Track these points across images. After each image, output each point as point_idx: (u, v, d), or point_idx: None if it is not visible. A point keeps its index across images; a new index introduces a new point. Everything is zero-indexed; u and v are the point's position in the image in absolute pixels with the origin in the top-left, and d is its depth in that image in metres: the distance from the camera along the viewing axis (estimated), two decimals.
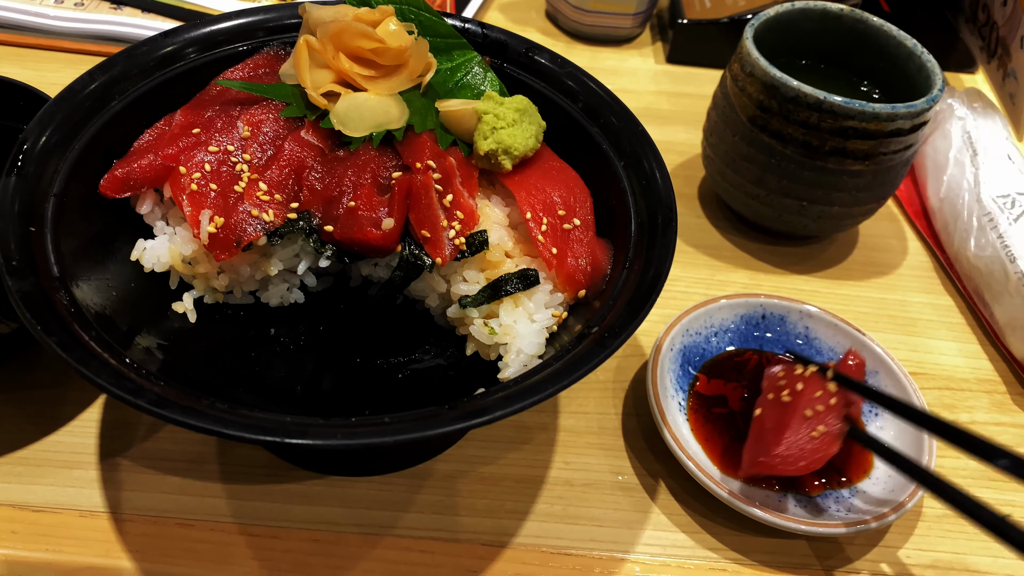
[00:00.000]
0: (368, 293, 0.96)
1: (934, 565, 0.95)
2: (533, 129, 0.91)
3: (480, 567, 0.90)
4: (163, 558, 0.87)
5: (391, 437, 0.65)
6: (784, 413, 0.92)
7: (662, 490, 0.98)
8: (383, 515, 0.93)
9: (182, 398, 0.66)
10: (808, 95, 1.10)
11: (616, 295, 0.81)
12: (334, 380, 0.90)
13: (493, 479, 0.97)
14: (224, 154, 0.89)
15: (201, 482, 0.93)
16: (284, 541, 0.90)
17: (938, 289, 1.29)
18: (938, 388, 1.14)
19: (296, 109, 0.92)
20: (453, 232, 0.86)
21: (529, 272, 0.86)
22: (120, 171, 0.87)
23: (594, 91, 0.98)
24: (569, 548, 0.92)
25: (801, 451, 0.90)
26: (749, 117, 1.18)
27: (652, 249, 0.83)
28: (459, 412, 0.68)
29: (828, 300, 1.24)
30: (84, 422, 0.97)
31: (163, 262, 0.88)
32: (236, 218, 0.85)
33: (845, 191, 1.17)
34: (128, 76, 0.92)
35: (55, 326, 0.69)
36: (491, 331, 0.86)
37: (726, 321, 1.10)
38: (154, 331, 0.85)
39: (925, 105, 1.10)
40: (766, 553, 0.94)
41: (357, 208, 0.85)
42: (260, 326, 0.93)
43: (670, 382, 1.03)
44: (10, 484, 0.91)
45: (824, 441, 0.90)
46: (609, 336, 0.74)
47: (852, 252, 1.34)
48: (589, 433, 1.03)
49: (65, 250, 0.79)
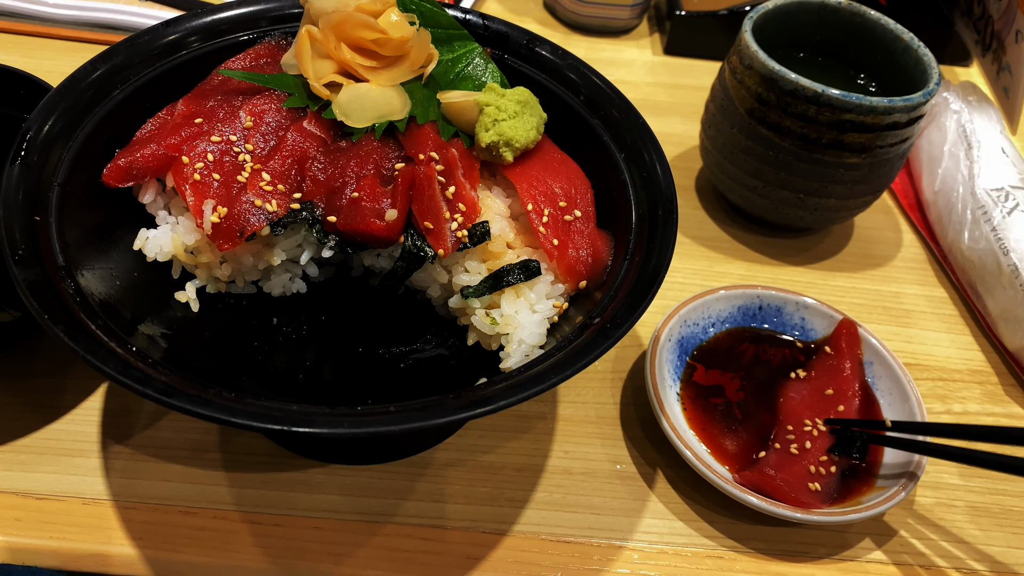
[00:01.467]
0: (370, 283, 0.96)
1: (926, 553, 0.96)
2: (534, 121, 0.92)
3: (480, 554, 0.91)
4: (166, 545, 0.88)
5: (397, 426, 0.65)
6: (791, 465, 0.96)
7: (659, 479, 1.00)
8: (384, 503, 0.94)
9: (189, 387, 0.67)
10: (806, 88, 1.11)
11: (617, 286, 0.81)
12: (336, 369, 0.90)
13: (492, 467, 0.98)
14: (227, 144, 0.89)
15: (203, 470, 0.94)
16: (286, 528, 0.91)
17: (932, 281, 1.30)
18: (931, 379, 1.15)
19: (298, 99, 0.92)
20: (455, 224, 0.87)
21: (531, 263, 0.87)
22: (123, 160, 0.87)
23: (595, 83, 0.99)
24: (568, 536, 0.93)
25: (799, 493, 0.94)
26: (747, 109, 1.18)
27: (653, 241, 0.84)
28: (463, 401, 0.69)
29: (824, 291, 1.25)
30: (86, 410, 0.98)
31: (166, 251, 0.88)
32: (239, 208, 0.85)
33: (841, 184, 1.18)
34: (130, 65, 0.92)
35: (62, 315, 0.70)
36: (493, 321, 0.87)
37: (723, 312, 1.11)
38: (157, 320, 0.86)
39: (922, 99, 1.11)
40: (762, 541, 0.95)
41: (360, 199, 0.85)
42: (262, 315, 0.93)
43: (668, 372, 1.04)
44: (13, 472, 0.92)
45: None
46: (611, 327, 0.75)
47: (848, 244, 1.35)
48: (588, 422, 1.04)
49: (70, 239, 0.79)
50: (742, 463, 0.99)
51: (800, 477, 0.96)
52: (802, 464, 0.97)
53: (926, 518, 1.00)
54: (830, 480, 0.96)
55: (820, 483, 0.95)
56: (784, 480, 0.94)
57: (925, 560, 0.96)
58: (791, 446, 0.98)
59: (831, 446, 0.99)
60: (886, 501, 0.92)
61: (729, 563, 0.93)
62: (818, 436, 1.00)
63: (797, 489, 0.94)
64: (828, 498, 0.95)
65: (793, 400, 1.04)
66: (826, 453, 0.98)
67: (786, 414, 1.02)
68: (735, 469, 0.97)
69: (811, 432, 1.00)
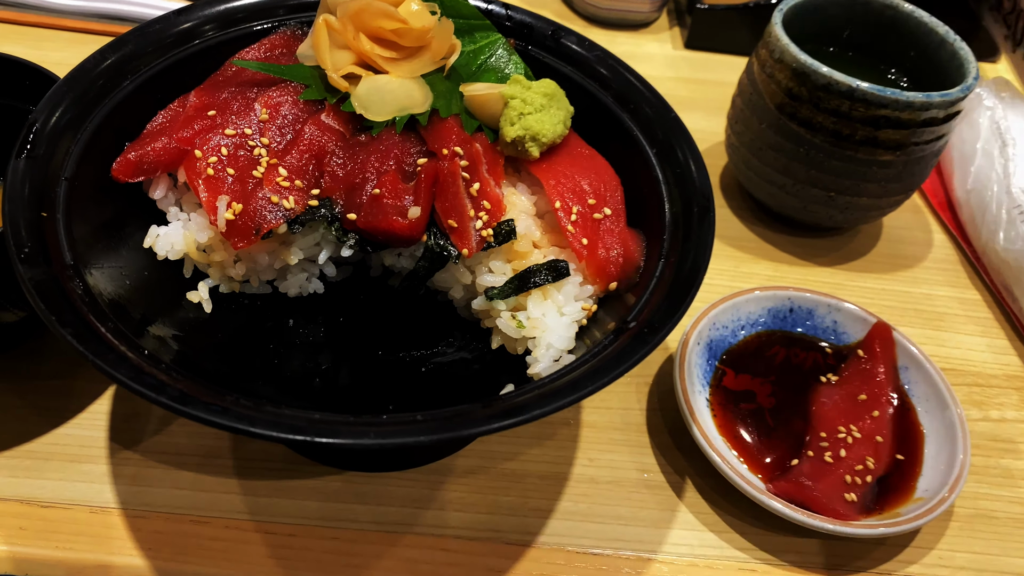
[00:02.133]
0: (389, 284, 0.93)
1: (966, 567, 0.93)
2: (561, 115, 0.88)
3: (504, 567, 0.87)
4: (177, 556, 0.84)
5: (426, 436, 0.62)
6: (826, 474, 0.93)
7: (689, 488, 0.96)
8: (403, 512, 0.90)
9: (205, 394, 0.63)
10: (840, 82, 1.07)
11: (652, 288, 0.78)
12: (355, 373, 0.86)
13: (515, 476, 0.95)
14: (241, 137, 0.85)
15: (215, 477, 0.90)
16: (301, 539, 0.87)
17: (964, 283, 1.26)
18: (967, 384, 1.11)
19: (315, 92, 0.89)
20: (480, 222, 0.83)
21: (559, 263, 0.83)
22: (133, 154, 0.83)
23: (624, 76, 0.95)
24: (595, 548, 0.89)
25: (835, 503, 0.90)
26: (777, 104, 1.14)
27: (689, 240, 0.80)
28: (494, 410, 0.65)
29: (853, 293, 1.21)
30: (93, 414, 0.94)
31: (177, 249, 0.85)
32: (255, 205, 0.81)
33: (874, 182, 1.14)
34: (141, 55, 0.88)
35: (70, 317, 0.66)
36: (519, 324, 0.83)
37: (753, 314, 1.07)
38: (168, 321, 0.82)
39: (960, 94, 1.07)
40: (796, 553, 0.91)
41: (382, 196, 0.81)
42: (278, 317, 0.89)
43: (697, 377, 1.00)
44: (17, 478, 0.88)
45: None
46: (648, 332, 0.71)
47: (876, 244, 1.31)
48: (613, 429, 1.01)
49: (78, 236, 0.75)
50: (774, 472, 0.95)
51: (836, 487, 0.92)
52: (837, 473, 0.93)
53: (967, 530, 0.96)
54: (866, 490, 0.92)
55: (856, 493, 0.91)
56: (820, 490, 0.90)
57: (964, 574, 0.92)
58: (825, 454, 0.94)
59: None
60: (926, 513, 0.88)
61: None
62: (853, 444, 0.96)
63: (833, 499, 0.90)
64: (864, 509, 0.91)
65: (825, 406, 1.00)
66: (862, 462, 0.94)
67: (819, 421, 0.98)
68: (767, 478, 0.94)
69: (845, 439, 0.96)
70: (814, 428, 0.97)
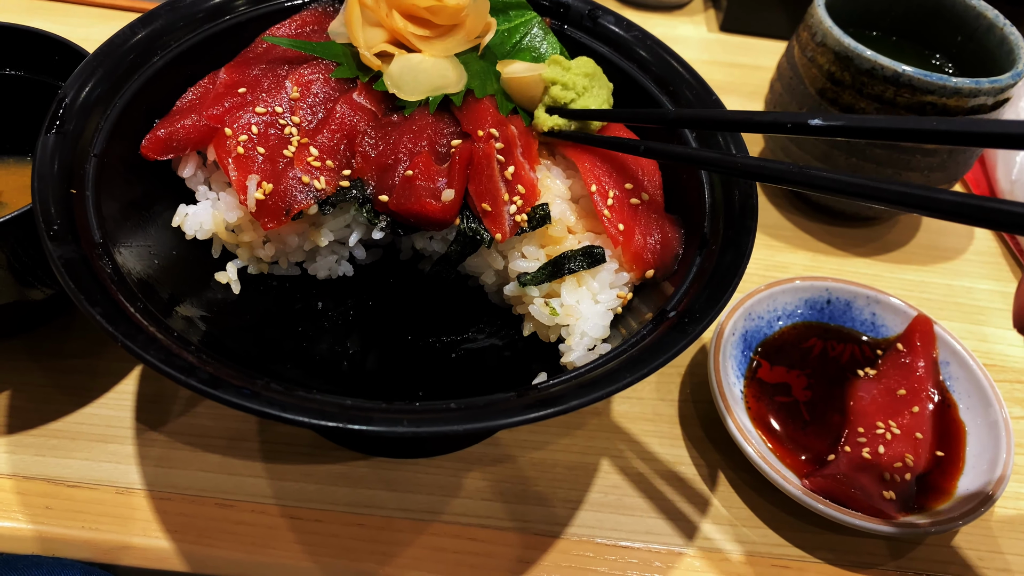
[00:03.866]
0: (420, 268, 0.91)
1: (1007, 569, 0.90)
2: (604, 95, 0.86)
3: (533, 558, 0.85)
4: (202, 539, 0.83)
5: (459, 425, 0.60)
6: (865, 470, 0.91)
7: (722, 481, 0.94)
8: (430, 500, 0.89)
9: (235, 377, 0.61)
10: (885, 67, 1.03)
11: (693, 277, 0.75)
12: (384, 358, 0.85)
13: (544, 465, 0.93)
14: (272, 116, 0.83)
15: (241, 460, 0.89)
16: (328, 525, 0.86)
17: (1007, 276, 1.22)
18: (1009, 381, 1.08)
19: (347, 70, 0.87)
20: (514, 207, 0.81)
21: (594, 249, 0.81)
22: (163, 131, 0.82)
23: (664, 59, 0.92)
24: (625, 540, 0.88)
25: (873, 501, 0.88)
26: (818, 90, 1.11)
27: (731, 228, 0.78)
28: (529, 400, 0.63)
29: (892, 285, 1.18)
30: (119, 394, 0.93)
31: (206, 229, 0.83)
32: (286, 184, 0.80)
33: (917, 171, 1.11)
34: (171, 30, 0.87)
35: (99, 296, 0.64)
36: (552, 311, 0.81)
37: (790, 305, 1.04)
38: (196, 302, 0.81)
39: (1011, 80, 1.03)
40: (831, 551, 0.89)
41: (415, 177, 0.79)
42: (306, 299, 0.88)
43: (732, 369, 0.97)
44: (44, 457, 0.87)
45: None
46: (689, 322, 0.69)
47: (915, 235, 1.27)
48: (644, 420, 0.99)
49: (107, 214, 0.74)
50: (811, 467, 0.92)
51: (874, 484, 0.89)
52: (875, 470, 0.90)
53: (1009, 531, 0.93)
54: (905, 488, 0.90)
55: (895, 491, 0.89)
56: (858, 487, 0.88)
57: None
58: (863, 450, 0.92)
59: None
60: (967, 513, 0.86)
61: (796, 573, 0.87)
62: (892, 440, 0.93)
63: (872, 497, 0.87)
64: (903, 507, 0.89)
65: (863, 400, 0.97)
66: (901, 459, 0.92)
67: (857, 415, 0.96)
68: (803, 473, 0.91)
69: (884, 436, 0.93)
70: (852, 423, 0.95)
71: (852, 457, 0.91)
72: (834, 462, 0.91)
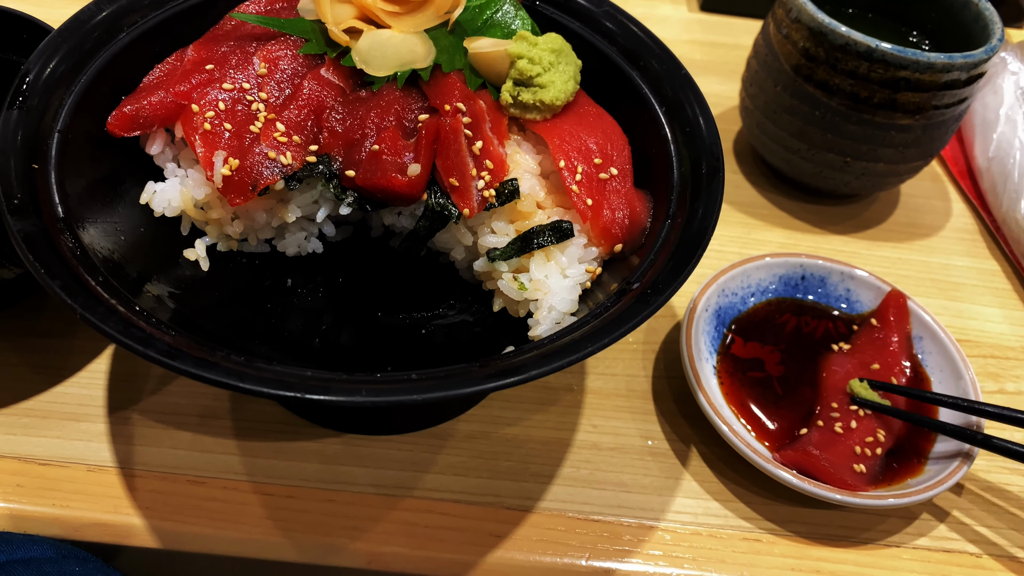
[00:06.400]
0: (390, 245, 0.91)
1: (976, 540, 0.90)
2: (571, 70, 0.85)
3: (503, 531, 0.86)
4: (173, 516, 0.84)
5: (420, 395, 0.60)
6: (835, 444, 0.91)
7: (694, 456, 0.94)
8: (402, 475, 0.89)
9: (195, 349, 0.61)
10: (858, 43, 1.03)
11: (658, 250, 0.75)
12: (354, 334, 0.85)
13: (517, 441, 0.93)
14: (239, 92, 0.83)
15: (213, 438, 0.90)
16: (299, 500, 0.86)
17: (983, 253, 1.23)
18: (983, 356, 1.09)
19: (316, 46, 0.86)
20: (482, 182, 0.81)
21: (562, 224, 0.81)
22: (129, 108, 0.81)
23: (634, 32, 0.92)
24: (596, 514, 0.88)
25: (843, 474, 0.89)
26: (793, 66, 1.11)
27: (697, 201, 0.78)
28: (491, 370, 0.64)
29: (868, 262, 1.18)
30: (92, 373, 0.93)
31: (174, 206, 0.83)
32: (252, 160, 0.79)
33: (892, 147, 1.11)
34: (138, 7, 0.86)
35: (59, 269, 0.64)
36: (521, 286, 0.81)
37: (764, 281, 1.04)
38: (164, 279, 0.81)
39: (984, 55, 1.03)
40: (803, 524, 0.90)
41: (381, 152, 0.79)
42: (276, 276, 0.88)
43: (704, 344, 0.98)
44: (15, 436, 0.87)
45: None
46: (652, 293, 0.69)
47: (893, 212, 1.28)
48: (617, 396, 0.99)
49: (70, 190, 0.74)
50: (782, 441, 0.93)
51: (844, 457, 0.90)
52: (846, 444, 0.91)
53: (977, 503, 0.94)
54: (876, 462, 0.90)
55: (865, 464, 0.89)
56: (828, 460, 0.88)
57: (975, 547, 0.90)
58: (835, 424, 0.92)
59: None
60: (936, 485, 0.86)
61: (767, 546, 0.88)
62: (864, 416, 0.93)
63: (841, 470, 0.88)
64: (873, 480, 0.89)
65: (837, 375, 0.98)
66: (872, 434, 0.92)
67: (829, 390, 0.96)
68: (775, 447, 0.92)
69: (857, 411, 0.94)
70: (824, 398, 0.95)
71: (823, 431, 0.92)
72: (805, 436, 0.92)
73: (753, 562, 0.86)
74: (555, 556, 0.84)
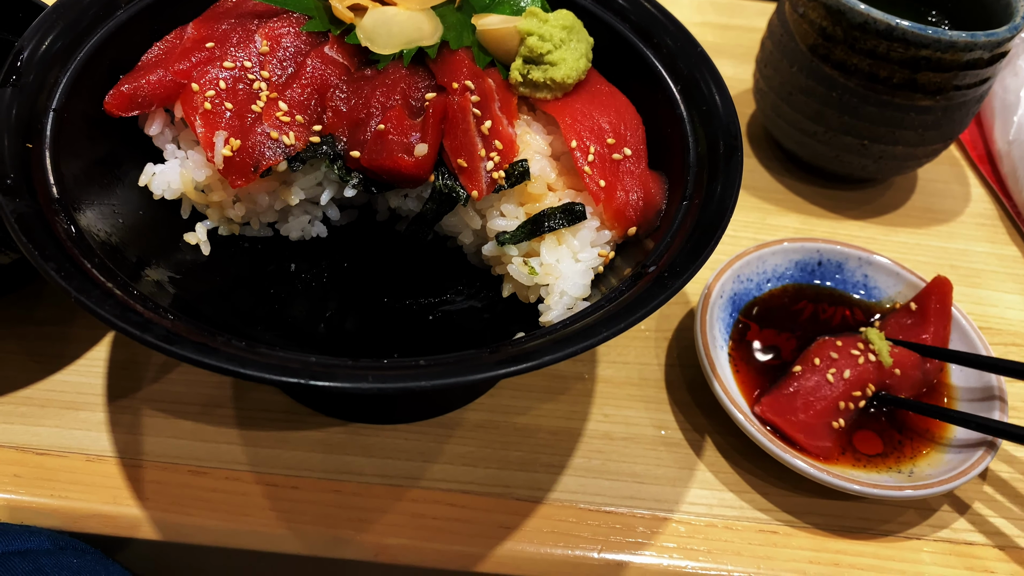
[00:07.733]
0: (396, 228, 0.88)
1: (999, 532, 0.88)
2: (583, 48, 0.83)
3: (513, 523, 0.83)
4: (175, 507, 0.82)
5: (428, 381, 0.58)
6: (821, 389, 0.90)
7: (708, 446, 0.92)
8: (409, 466, 0.87)
9: (194, 334, 0.59)
10: (878, 20, 1.00)
11: (674, 232, 0.73)
12: (360, 321, 0.82)
13: (527, 430, 0.91)
14: (241, 71, 0.80)
15: (215, 427, 0.87)
16: (304, 491, 0.84)
17: (1003, 239, 1.20)
18: (1004, 344, 1.06)
19: (319, 23, 0.84)
20: (491, 163, 0.78)
21: (575, 206, 0.78)
22: (127, 87, 0.79)
23: (646, 9, 0.89)
24: (608, 505, 0.86)
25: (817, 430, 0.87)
26: (809, 46, 1.08)
27: (714, 181, 0.75)
28: (502, 356, 0.61)
29: (885, 247, 1.15)
30: (91, 361, 0.91)
31: (174, 189, 0.81)
32: (253, 140, 0.77)
33: (911, 129, 1.08)
34: None
35: (53, 251, 0.62)
36: (531, 271, 0.78)
37: (779, 267, 1.02)
38: (164, 263, 0.78)
39: (1007, 34, 1.00)
40: (820, 515, 0.87)
41: (387, 132, 0.77)
42: (279, 261, 0.85)
43: (719, 332, 0.95)
44: (13, 425, 0.85)
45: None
46: (668, 276, 0.67)
47: (911, 197, 1.25)
48: (630, 384, 0.96)
49: (66, 171, 0.71)
50: None
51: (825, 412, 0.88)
52: (832, 396, 0.88)
53: (1000, 494, 0.91)
54: (853, 415, 0.90)
55: (845, 420, 0.88)
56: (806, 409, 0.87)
57: (996, 540, 0.87)
58: (828, 372, 0.89)
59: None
60: (958, 476, 0.84)
61: (784, 538, 0.85)
62: (863, 365, 0.90)
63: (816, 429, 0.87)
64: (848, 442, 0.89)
65: None
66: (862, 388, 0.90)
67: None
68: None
69: (857, 359, 0.90)
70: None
71: (812, 376, 0.89)
72: (788, 379, 0.89)
73: (770, 554, 0.84)
74: (566, 548, 0.82)
